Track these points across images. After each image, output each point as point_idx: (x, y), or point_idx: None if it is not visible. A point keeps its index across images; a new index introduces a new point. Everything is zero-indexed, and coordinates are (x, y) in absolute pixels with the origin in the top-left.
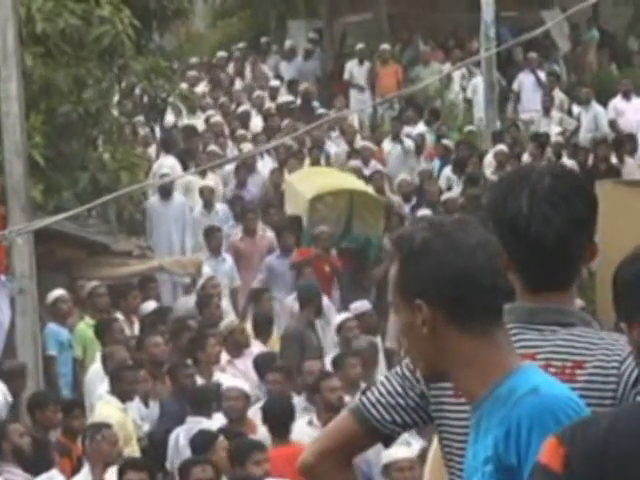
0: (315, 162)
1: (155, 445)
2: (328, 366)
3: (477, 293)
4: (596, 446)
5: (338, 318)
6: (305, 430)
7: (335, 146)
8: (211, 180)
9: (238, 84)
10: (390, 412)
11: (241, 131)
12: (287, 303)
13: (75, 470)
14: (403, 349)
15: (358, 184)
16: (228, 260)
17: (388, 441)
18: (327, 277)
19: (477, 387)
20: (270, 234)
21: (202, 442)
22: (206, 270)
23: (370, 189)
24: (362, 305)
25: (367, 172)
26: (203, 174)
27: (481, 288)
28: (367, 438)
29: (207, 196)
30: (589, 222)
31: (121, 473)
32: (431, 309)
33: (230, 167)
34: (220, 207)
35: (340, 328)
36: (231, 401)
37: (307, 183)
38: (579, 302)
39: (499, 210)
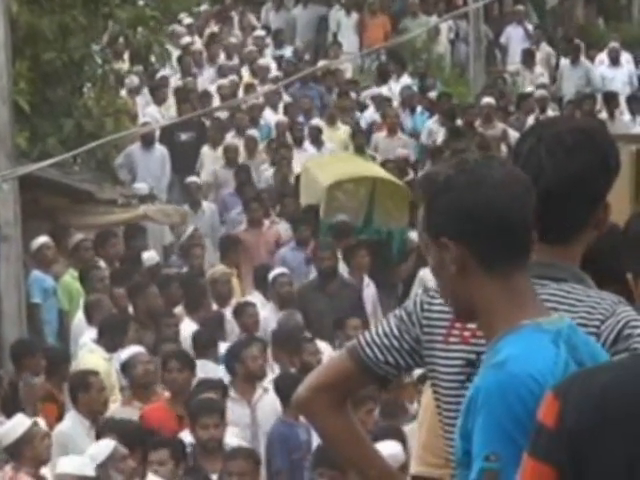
0: (357, 137)
1: None
2: None
3: (500, 229)
4: (592, 401)
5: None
6: None
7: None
8: (219, 152)
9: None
10: (384, 353)
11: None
12: None
13: (61, 416)
14: (437, 289)
15: (381, 172)
16: None
17: (383, 382)
18: None
19: (489, 333)
20: (279, 225)
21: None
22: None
23: (394, 177)
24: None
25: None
26: (215, 146)
27: (504, 224)
28: (361, 377)
29: (194, 193)
30: (589, 181)
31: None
32: (458, 246)
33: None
34: (207, 206)
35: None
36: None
37: (325, 170)
38: None
39: (514, 151)
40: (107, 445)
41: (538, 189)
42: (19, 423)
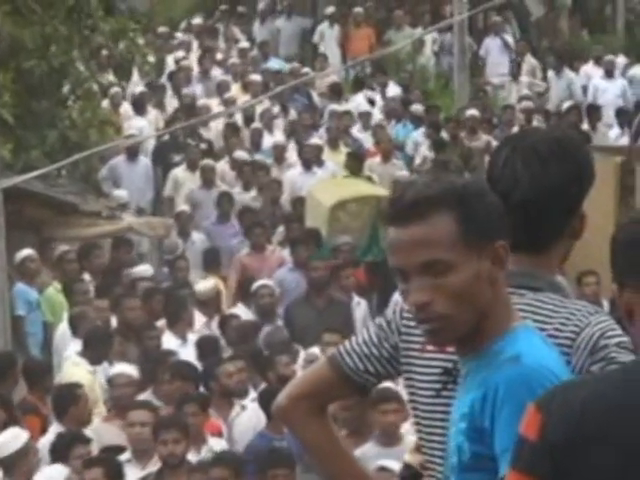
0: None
1: None
2: None
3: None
4: (572, 415)
5: None
6: None
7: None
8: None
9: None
10: (363, 361)
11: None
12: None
13: (44, 429)
14: (450, 314)
15: (384, 190)
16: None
17: (363, 391)
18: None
19: (482, 337)
20: (282, 250)
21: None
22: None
23: None
24: None
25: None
26: (193, 168)
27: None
28: (341, 386)
29: (183, 221)
30: (565, 191)
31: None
32: (507, 246)
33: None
34: (197, 237)
35: None
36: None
37: (328, 191)
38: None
39: (489, 164)
40: (60, 471)
41: (514, 199)
42: (16, 436)
